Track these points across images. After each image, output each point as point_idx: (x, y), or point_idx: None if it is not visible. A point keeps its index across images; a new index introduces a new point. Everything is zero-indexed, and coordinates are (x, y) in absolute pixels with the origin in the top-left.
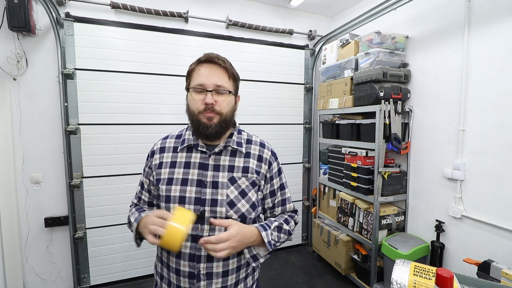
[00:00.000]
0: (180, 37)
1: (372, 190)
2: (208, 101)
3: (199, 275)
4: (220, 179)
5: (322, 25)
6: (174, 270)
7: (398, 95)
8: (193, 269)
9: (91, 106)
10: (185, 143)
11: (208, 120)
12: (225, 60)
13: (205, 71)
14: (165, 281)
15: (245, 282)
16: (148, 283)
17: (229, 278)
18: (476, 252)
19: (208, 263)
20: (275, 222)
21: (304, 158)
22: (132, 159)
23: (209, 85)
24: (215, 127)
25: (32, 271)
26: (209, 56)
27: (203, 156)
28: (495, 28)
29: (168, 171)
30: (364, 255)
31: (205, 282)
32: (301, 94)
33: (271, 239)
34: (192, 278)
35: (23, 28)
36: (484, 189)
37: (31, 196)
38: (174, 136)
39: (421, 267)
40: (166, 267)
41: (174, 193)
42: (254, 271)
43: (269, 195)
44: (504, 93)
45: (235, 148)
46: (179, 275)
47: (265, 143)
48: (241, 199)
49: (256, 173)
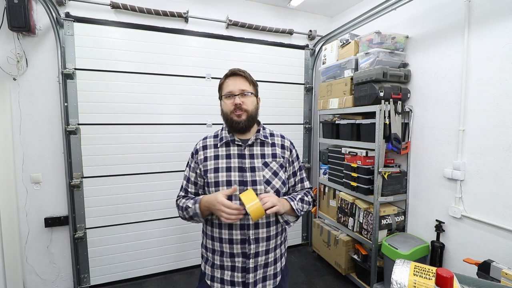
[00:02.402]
0: (180, 37)
1: (372, 190)
2: (237, 102)
3: (249, 240)
4: (256, 164)
5: (322, 25)
6: (227, 240)
7: (398, 95)
8: (244, 236)
9: (91, 106)
10: (223, 140)
11: (238, 117)
12: (245, 72)
13: (231, 82)
14: (218, 253)
15: (281, 248)
16: (148, 283)
17: (271, 242)
18: (476, 252)
19: (255, 230)
20: (298, 195)
21: (304, 158)
22: (132, 159)
23: (235, 91)
24: (244, 122)
25: (32, 271)
26: (232, 70)
27: (239, 148)
28: (495, 28)
29: (213, 162)
30: (364, 255)
31: (254, 245)
32: (301, 94)
33: (297, 207)
34: (243, 243)
35: (23, 28)
36: (484, 189)
37: (31, 196)
38: (212, 136)
39: (421, 267)
40: (218, 241)
41: (221, 178)
42: (285, 240)
43: (292, 175)
44: (504, 93)
45: (263, 140)
46: (232, 243)
47: (284, 135)
48: (274, 178)
49: (282, 158)
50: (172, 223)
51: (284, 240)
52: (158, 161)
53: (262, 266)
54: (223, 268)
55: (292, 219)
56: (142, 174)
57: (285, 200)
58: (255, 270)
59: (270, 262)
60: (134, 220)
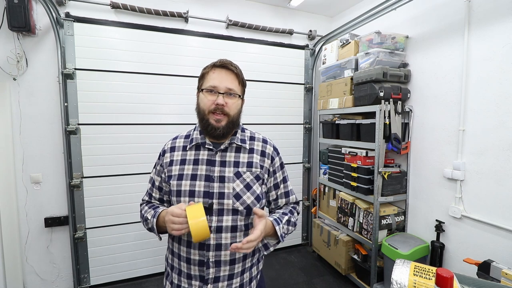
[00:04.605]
0: (180, 37)
1: (372, 190)
2: (220, 102)
3: (208, 262)
4: (227, 174)
5: (322, 25)
6: (185, 259)
7: (398, 95)
8: (203, 257)
9: (91, 106)
10: (193, 142)
11: (217, 122)
12: (237, 67)
13: (218, 74)
14: (176, 271)
15: (251, 271)
16: (148, 283)
17: (236, 266)
18: (476, 252)
19: (217, 252)
20: (285, 216)
21: (304, 158)
22: (132, 159)
23: (221, 88)
24: (222, 129)
25: (32, 271)
26: (223, 61)
27: (210, 153)
28: (495, 28)
29: (178, 168)
30: (364, 255)
31: (214, 269)
32: (301, 94)
33: (282, 233)
34: (201, 265)
35: (23, 28)
36: (484, 189)
37: (31, 196)
38: (183, 136)
39: (421, 267)
40: (177, 257)
41: (184, 187)
42: (259, 261)
43: (273, 187)
44: (504, 93)
45: (239, 145)
46: (190, 263)
47: (267, 139)
48: (246, 192)
49: (260, 167)
50: None
51: (258, 261)
52: None
53: None
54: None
55: (273, 243)
56: (143, 174)
57: (270, 223)
58: None
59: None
60: (134, 220)
